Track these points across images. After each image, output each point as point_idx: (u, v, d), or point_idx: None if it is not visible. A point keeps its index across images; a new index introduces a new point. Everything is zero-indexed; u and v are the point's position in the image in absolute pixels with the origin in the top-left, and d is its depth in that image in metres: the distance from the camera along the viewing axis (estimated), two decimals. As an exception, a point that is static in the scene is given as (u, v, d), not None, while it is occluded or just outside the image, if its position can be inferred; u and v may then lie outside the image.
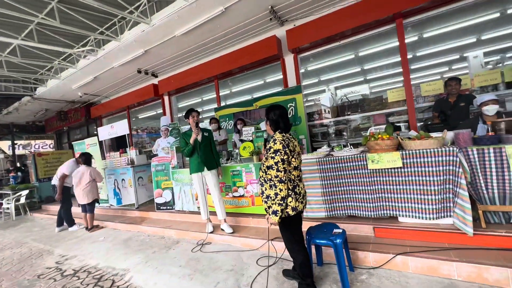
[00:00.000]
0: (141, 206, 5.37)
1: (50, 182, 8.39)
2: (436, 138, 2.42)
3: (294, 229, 2.05)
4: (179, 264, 2.94)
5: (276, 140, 1.94)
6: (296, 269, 2.10)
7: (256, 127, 4.02)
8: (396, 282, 2.10)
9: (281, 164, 1.85)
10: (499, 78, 3.73)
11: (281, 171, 1.85)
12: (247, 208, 3.71)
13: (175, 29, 4.96)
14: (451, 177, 2.33)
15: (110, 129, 5.64)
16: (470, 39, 5.66)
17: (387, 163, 2.56)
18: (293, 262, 2.14)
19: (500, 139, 2.27)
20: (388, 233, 2.60)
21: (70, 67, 6.57)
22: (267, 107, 2.15)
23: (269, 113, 2.09)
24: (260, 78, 6.94)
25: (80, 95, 8.43)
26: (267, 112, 2.13)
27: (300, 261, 2.03)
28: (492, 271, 1.91)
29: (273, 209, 1.88)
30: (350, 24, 4.28)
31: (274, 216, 1.88)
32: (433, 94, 4.19)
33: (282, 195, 1.85)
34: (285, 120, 2.05)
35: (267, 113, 2.12)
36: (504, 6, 4.20)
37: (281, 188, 1.85)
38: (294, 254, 2.06)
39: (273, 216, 1.88)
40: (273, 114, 2.06)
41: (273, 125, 2.08)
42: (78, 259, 3.55)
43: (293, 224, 2.03)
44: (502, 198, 2.24)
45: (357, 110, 5.07)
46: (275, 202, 1.87)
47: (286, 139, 1.96)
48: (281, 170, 1.85)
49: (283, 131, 2.05)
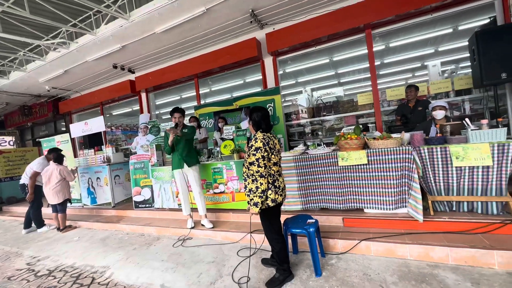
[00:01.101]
0: (118, 205, 5.26)
1: (12, 181, 7.84)
2: (396, 139, 2.77)
3: (274, 219, 2.25)
4: (161, 259, 3.01)
5: (257, 138, 2.12)
6: (274, 256, 2.31)
7: (236, 126, 4.18)
8: (360, 264, 2.40)
9: (262, 160, 2.04)
10: (450, 86, 4.26)
11: (262, 166, 2.04)
12: (227, 203, 3.86)
13: (155, 26, 4.92)
14: (407, 172, 2.69)
15: (84, 126, 5.43)
16: (429, 50, 6.34)
17: (354, 160, 2.87)
18: (272, 250, 2.34)
19: (445, 139, 2.67)
20: (355, 222, 2.92)
21: (38, 59, 6.17)
22: (251, 108, 2.31)
23: (252, 114, 2.25)
24: (239, 78, 7.10)
25: (47, 89, 7.91)
26: (250, 113, 2.28)
27: (278, 248, 2.24)
28: (436, 250, 2.28)
29: (254, 201, 2.06)
30: (326, 31, 4.59)
31: (255, 207, 2.07)
32: (396, 99, 4.65)
33: (262, 189, 2.05)
34: (266, 121, 2.24)
35: (250, 114, 2.27)
36: (456, 23, 4.79)
37: (261, 182, 2.04)
38: (273, 242, 2.26)
39: (254, 207, 2.07)
40: (255, 115, 2.22)
41: (255, 125, 2.25)
42: (52, 260, 3.45)
43: (273, 215, 2.24)
44: (446, 190, 2.64)
45: (331, 112, 5.43)
46: (256, 195, 2.05)
47: (267, 137, 2.15)
48: (262, 166, 2.04)
49: (264, 131, 2.23)
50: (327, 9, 4.71)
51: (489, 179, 2.43)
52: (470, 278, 2.02)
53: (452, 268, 2.17)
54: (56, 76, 6.85)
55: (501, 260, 2.08)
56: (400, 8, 4.04)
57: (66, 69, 6.49)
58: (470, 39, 3.62)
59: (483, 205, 2.52)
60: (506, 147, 2.34)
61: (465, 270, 2.13)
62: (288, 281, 2.27)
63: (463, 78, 4.16)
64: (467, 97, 4.30)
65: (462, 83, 4.15)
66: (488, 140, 2.42)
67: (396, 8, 4.06)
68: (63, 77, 7.07)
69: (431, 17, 4.23)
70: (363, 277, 2.21)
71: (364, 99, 4.85)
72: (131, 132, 9.27)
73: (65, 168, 4.61)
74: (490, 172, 2.41)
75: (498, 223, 2.33)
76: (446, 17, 4.33)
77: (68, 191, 4.67)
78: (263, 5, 4.62)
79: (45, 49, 5.97)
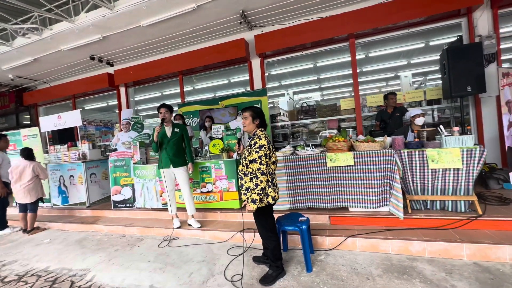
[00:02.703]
0: (93, 205, 4.95)
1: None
2: (379, 142, 2.99)
3: (269, 217, 2.30)
4: (148, 260, 2.91)
5: (260, 136, 2.16)
6: (269, 253, 2.36)
7: (225, 125, 4.17)
8: (347, 259, 2.54)
9: (264, 158, 2.09)
10: (422, 96, 4.67)
11: (263, 164, 2.08)
12: (215, 203, 3.83)
13: (141, 18, 4.74)
14: (389, 173, 2.91)
15: (57, 120, 5.02)
16: (402, 61, 6.87)
17: (342, 161, 3.03)
18: (266, 247, 2.39)
19: (423, 144, 2.93)
20: (341, 220, 3.08)
21: (3, 44, 5.60)
22: (248, 106, 2.34)
23: (254, 112, 2.27)
24: (225, 77, 7.07)
25: (11, 78, 7.18)
26: (252, 110, 2.28)
27: (273, 246, 2.29)
28: (414, 244, 2.49)
29: (252, 198, 2.10)
30: (313, 37, 4.78)
31: (253, 204, 2.10)
32: (375, 105, 4.98)
33: (262, 186, 2.09)
34: (264, 119, 2.31)
35: (252, 111, 2.28)
36: (428, 39, 5.26)
37: (261, 180, 2.08)
38: (268, 240, 2.31)
39: (251, 204, 2.11)
40: (257, 113, 2.26)
41: (260, 122, 2.28)
42: (20, 264, 3.16)
43: (268, 212, 2.29)
44: (422, 190, 2.91)
45: (315, 115, 5.64)
46: (254, 192, 2.09)
47: (268, 136, 2.21)
48: (263, 164, 2.08)
49: (265, 128, 2.29)
50: (315, 16, 4.91)
51: (459, 180, 2.72)
52: (444, 268, 2.25)
53: (429, 260, 2.39)
54: (23, 64, 6.27)
55: (469, 252, 2.34)
56: (383, 21, 4.35)
57: (36, 57, 5.98)
58: (442, 54, 4.02)
59: (453, 204, 2.81)
60: (474, 152, 2.64)
61: (440, 261, 2.36)
62: (281, 277, 2.32)
63: (434, 89, 4.58)
64: (436, 106, 4.75)
65: (433, 94, 4.57)
66: (459, 145, 2.71)
67: (380, 20, 4.36)
68: (31, 66, 6.49)
69: (408, 31, 4.61)
70: (350, 271, 2.35)
71: (346, 104, 5.12)
72: (105, 128, 8.77)
73: (39, 165, 4.24)
74: (460, 174, 2.70)
75: (465, 219, 2.62)
76: (419, 33, 4.76)
77: (42, 189, 4.30)
78: (254, 7, 4.68)
79: (12, 33, 5.43)
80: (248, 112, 2.28)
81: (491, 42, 3.99)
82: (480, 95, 4.15)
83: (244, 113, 2.31)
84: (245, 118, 2.29)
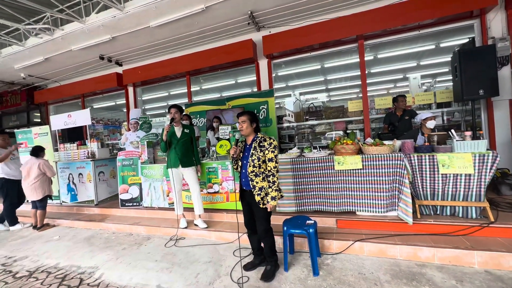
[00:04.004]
0: (101, 203, 5.02)
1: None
2: (389, 145, 2.95)
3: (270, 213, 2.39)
4: (155, 259, 2.94)
5: (271, 138, 2.31)
6: (267, 250, 2.42)
7: (232, 126, 4.17)
8: (354, 264, 2.52)
9: (277, 158, 2.26)
10: (432, 98, 4.58)
11: (278, 162, 2.27)
12: (221, 204, 3.84)
13: (150, 19, 4.78)
14: (398, 177, 2.87)
15: (67, 118, 5.11)
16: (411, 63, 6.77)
17: (350, 165, 3.00)
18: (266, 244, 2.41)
19: (433, 148, 2.88)
20: (348, 224, 3.05)
21: (15, 44, 5.73)
22: (244, 111, 2.43)
23: (252, 115, 2.40)
24: (232, 78, 7.08)
25: (23, 77, 7.33)
26: (249, 114, 2.38)
27: (271, 243, 2.41)
28: (424, 250, 2.45)
29: (272, 195, 2.22)
30: (321, 38, 4.73)
31: (274, 201, 2.22)
32: (384, 107, 4.92)
33: (278, 182, 2.26)
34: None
35: (250, 115, 2.38)
36: (438, 40, 5.17)
37: (278, 177, 2.26)
38: (268, 238, 2.39)
39: (272, 202, 2.22)
40: (255, 117, 2.40)
41: (257, 126, 2.43)
42: (31, 260, 3.23)
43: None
44: (432, 195, 2.86)
45: (322, 117, 5.60)
46: (272, 189, 2.23)
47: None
48: (278, 162, 2.26)
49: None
50: (324, 17, 4.87)
51: (470, 186, 2.66)
52: (454, 276, 2.21)
53: (438, 267, 2.35)
54: (35, 63, 6.38)
55: (480, 259, 2.29)
56: (393, 22, 4.28)
57: (47, 56, 6.08)
58: (453, 56, 3.93)
59: (464, 210, 2.76)
60: (486, 157, 2.59)
61: (450, 268, 2.32)
62: (277, 270, 2.44)
63: (444, 92, 4.50)
64: (446, 109, 4.67)
65: (443, 97, 4.49)
66: (471, 150, 2.65)
67: (389, 22, 4.30)
68: (42, 65, 6.61)
69: (418, 33, 4.53)
70: (358, 276, 2.33)
71: (354, 106, 5.06)
72: (112, 127, 8.88)
73: (45, 162, 4.32)
74: (471, 179, 2.65)
75: (477, 226, 2.57)
76: (429, 35, 4.66)
77: (49, 186, 4.38)
78: (262, 8, 4.67)
79: (25, 33, 5.54)
80: (245, 116, 2.38)
81: (504, 44, 3.90)
82: (492, 99, 4.05)
83: (241, 117, 2.40)
84: (243, 121, 2.39)
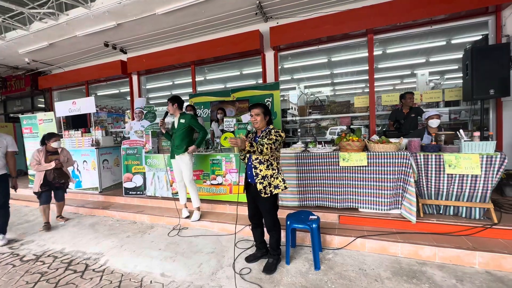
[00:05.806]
0: (105, 190, 5.08)
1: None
2: (395, 143, 2.92)
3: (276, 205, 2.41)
4: (159, 248, 2.99)
5: (279, 129, 2.28)
6: (272, 242, 2.43)
7: (237, 119, 4.16)
8: (356, 260, 2.55)
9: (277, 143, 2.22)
10: (441, 96, 4.51)
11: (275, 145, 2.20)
12: (224, 195, 3.87)
13: (157, 6, 4.68)
14: (403, 176, 2.86)
15: (71, 105, 5.11)
16: (420, 59, 6.63)
17: (355, 161, 2.99)
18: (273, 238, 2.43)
19: (440, 148, 2.86)
20: (350, 220, 3.07)
21: (20, 28, 5.66)
22: (257, 103, 2.37)
23: (266, 108, 2.35)
24: (237, 69, 6.99)
25: (27, 62, 7.29)
26: (263, 107, 2.33)
27: (277, 236, 2.43)
28: (425, 249, 2.47)
29: (275, 184, 2.25)
30: (330, 31, 4.63)
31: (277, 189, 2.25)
32: (390, 104, 4.86)
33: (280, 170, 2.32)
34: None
35: (263, 107, 2.33)
36: (450, 37, 5.04)
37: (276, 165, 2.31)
38: (275, 231, 2.40)
39: (275, 190, 2.24)
40: (268, 109, 2.35)
41: (269, 119, 2.39)
42: (37, 244, 3.30)
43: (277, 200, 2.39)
44: (436, 194, 2.85)
45: (327, 111, 5.56)
46: (276, 177, 2.26)
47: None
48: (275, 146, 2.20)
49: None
50: (333, 10, 4.75)
51: (476, 187, 2.65)
52: (454, 275, 2.23)
53: (439, 266, 2.38)
54: (39, 48, 6.33)
55: (482, 260, 2.30)
56: (404, 17, 4.17)
57: (52, 42, 6.02)
58: (465, 54, 3.84)
59: (467, 210, 2.76)
60: (494, 159, 2.56)
61: (450, 268, 2.34)
62: (278, 263, 2.47)
63: (453, 90, 4.42)
64: (454, 108, 4.60)
65: (452, 95, 4.42)
66: (478, 151, 2.63)
67: (401, 16, 4.18)
68: (46, 50, 6.56)
69: (430, 28, 4.42)
70: (359, 271, 2.36)
71: (360, 102, 5.00)
72: (116, 115, 8.90)
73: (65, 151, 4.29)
74: (478, 180, 2.63)
75: (480, 227, 2.57)
76: (440, 31, 4.54)
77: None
78: (271, -2, 4.56)
79: (29, 17, 5.47)
80: (259, 108, 2.31)
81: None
82: (503, 99, 3.98)
83: (255, 109, 2.33)
84: (257, 114, 2.32)
